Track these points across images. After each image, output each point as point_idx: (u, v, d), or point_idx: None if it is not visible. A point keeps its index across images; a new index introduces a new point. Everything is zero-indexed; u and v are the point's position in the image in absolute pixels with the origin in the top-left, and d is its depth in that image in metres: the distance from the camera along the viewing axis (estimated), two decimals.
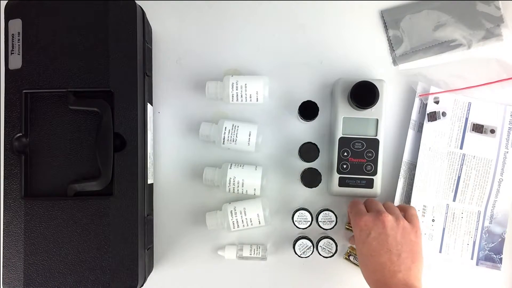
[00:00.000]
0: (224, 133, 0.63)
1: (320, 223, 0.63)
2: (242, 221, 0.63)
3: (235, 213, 0.63)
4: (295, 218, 0.63)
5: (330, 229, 0.63)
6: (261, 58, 0.69)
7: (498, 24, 0.67)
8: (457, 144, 0.66)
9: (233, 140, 0.63)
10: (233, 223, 0.63)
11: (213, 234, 0.68)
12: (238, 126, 0.64)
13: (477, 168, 0.66)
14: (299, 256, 0.63)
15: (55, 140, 0.59)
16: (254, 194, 0.64)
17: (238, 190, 0.63)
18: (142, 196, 0.59)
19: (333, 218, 0.63)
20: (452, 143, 0.66)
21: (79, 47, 0.58)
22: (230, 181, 0.63)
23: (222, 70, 0.68)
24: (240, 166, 0.64)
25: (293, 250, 0.64)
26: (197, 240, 0.68)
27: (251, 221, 0.63)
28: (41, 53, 0.58)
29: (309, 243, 0.63)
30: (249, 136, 0.63)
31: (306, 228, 0.63)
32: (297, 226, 0.63)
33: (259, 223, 0.63)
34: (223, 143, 0.64)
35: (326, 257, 0.63)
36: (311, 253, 0.63)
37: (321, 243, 0.63)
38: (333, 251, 0.63)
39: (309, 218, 0.63)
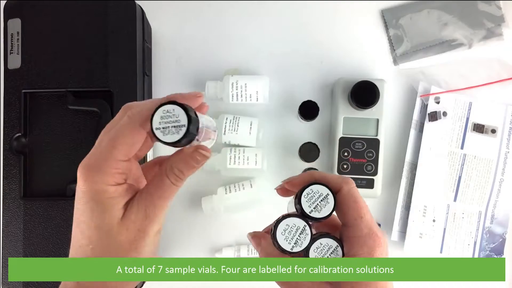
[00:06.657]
0: (226, 123, 0.63)
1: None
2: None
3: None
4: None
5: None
6: (261, 58, 0.69)
7: (499, 24, 0.67)
8: (458, 144, 0.66)
9: (235, 130, 0.63)
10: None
11: (211, 235, 0.68)
12: (239, 118, 0.64)
13: (478, 168, 0.66)
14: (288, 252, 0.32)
15: (54, 140, 0.59)
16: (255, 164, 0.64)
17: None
18: None
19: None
20: (453, 143, 0.66)
21: (79, 47, 0.58)
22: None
23: (222, 70, 0.68)
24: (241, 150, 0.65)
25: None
26: (196, 243, 0.68)
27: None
28: (40, 52, 0.58)
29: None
30: (251, 125, 0.63)
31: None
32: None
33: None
34: (224, 134, 0.63)
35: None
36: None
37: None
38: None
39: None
